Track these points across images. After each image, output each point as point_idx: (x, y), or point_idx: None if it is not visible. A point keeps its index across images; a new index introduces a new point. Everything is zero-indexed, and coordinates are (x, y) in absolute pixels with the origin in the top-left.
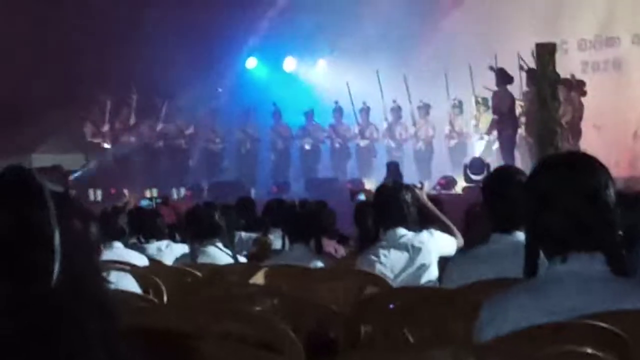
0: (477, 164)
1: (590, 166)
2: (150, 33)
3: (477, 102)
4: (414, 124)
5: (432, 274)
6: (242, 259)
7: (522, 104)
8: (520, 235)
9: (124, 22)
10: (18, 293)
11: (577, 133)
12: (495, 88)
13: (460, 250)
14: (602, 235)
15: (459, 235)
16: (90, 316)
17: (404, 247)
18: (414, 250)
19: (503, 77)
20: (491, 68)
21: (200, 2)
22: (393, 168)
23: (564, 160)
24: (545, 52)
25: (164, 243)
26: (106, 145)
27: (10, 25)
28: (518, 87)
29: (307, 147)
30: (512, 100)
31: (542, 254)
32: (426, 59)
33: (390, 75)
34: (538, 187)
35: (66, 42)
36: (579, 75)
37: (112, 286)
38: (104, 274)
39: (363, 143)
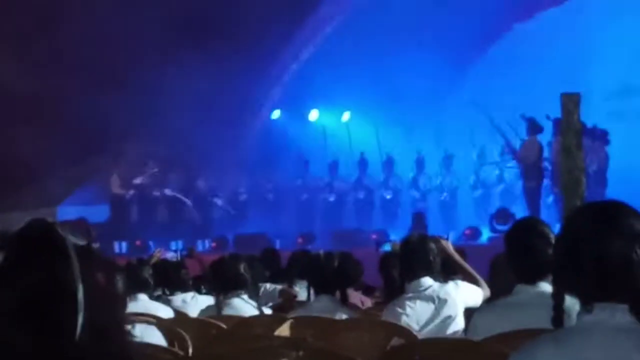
0: (502, 214)
1: (619, 216)
2: (177, 85)
3: (502, 153)
4: (439, 174)
5: (458, 325)
6: (267, 311)
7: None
8: (544, 286)
9: (152, 74)
10: (43, 347)
11: (603, 182)
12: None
13: (485, 301)
14: (628, 287)
15: (484, 285)
16: None
17: (429, 298)
18: (439, 302)
19: (533, 127)
20: (522, 117)
21: (227, 53)
22: (418, 218)
23: (594, 211)
24: (570, 102)
25: (189, 295)
26: (131, 197)
27: (33, 76)
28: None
29: (332, 198)
30: (540, 150)
31: (568, 304)
32: (451, 110)
33: (414, 127)
34: (567, 238)
35: (91, 94)
36: (603, 124)
37: (137, 339)
38: (129, 327)
39: (387, 194)
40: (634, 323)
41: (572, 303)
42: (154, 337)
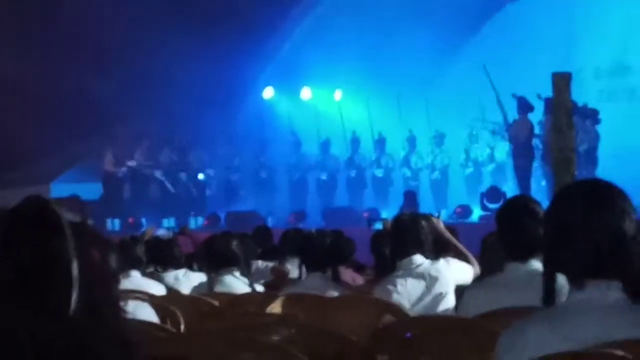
0: (493, 193)
1: (610, 195)
2: (168, 64)
3: (492, 131)
4: (430, 153)
5: (449, 302)
6: (259, 288)
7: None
8: (535, 264)
9: (142, 54)
10: (38, 323)
11: (593, 161)
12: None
13: (476, 279)
14: (620, 264)
15: (475, 263)
16: (109, 346)
17: (420, 276)
18: (430, 279)
19: (524, 106)
20: (513, 95)
21: (219, 33)
22: (410, 197)
23: (584, 189)
24: (561, 81)
25: (181, 272)
26: (124, 175)
27: (30, 57)
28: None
29: (324, 177)
30: (531, 129)
31: (558, 282)
32: (443, 89)
33: (406, 106)
34: (557, 216)
35: (86, 73)
36: (594, 104)
37: (130, 315)
38: (122, 303)
39: (379, 172)
40: (626, 300)
41: (562, 281)
42: (147, 314)
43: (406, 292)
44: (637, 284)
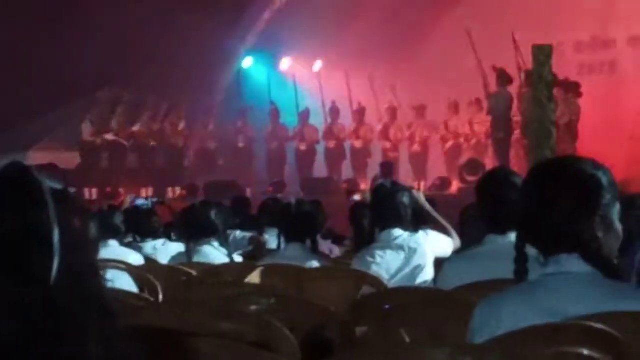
0: (472, 165)
1: (586, 170)
2: (147, 32)
3: (471, 103)
4: (409, 125)
5: (428, 274)
6: (238, 258)
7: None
8: (514, 237)
9: (121, 21)
10: (18, 292)
11: (573, 135)
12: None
13: (455, 251)
14: (576, 237)
15: (455, 236)
16: (90, 315)
17: (399, 247)
18: (409, 251)
19: (503, 78)
20: (493, 67)
21: (199, 3)
22: (387, 168)
23: (560, 164)
24: (542, 54)
25: (159, 242)
26: (102, 144)
27: (8, 22)
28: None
29: (303, 147)
30: (510, 101)
31: (531, 256)
32: (422, 59)
33: (386, 76)
34: (532, 191)
35: (63, 40)
36: (574, 77)
37: (109, 284)
38: (102, 272)
39: (358, 143)
40: (597, 274)
41: (536, 254)
42: (125, 283)
43: (385, 263)
44: (609, 258)
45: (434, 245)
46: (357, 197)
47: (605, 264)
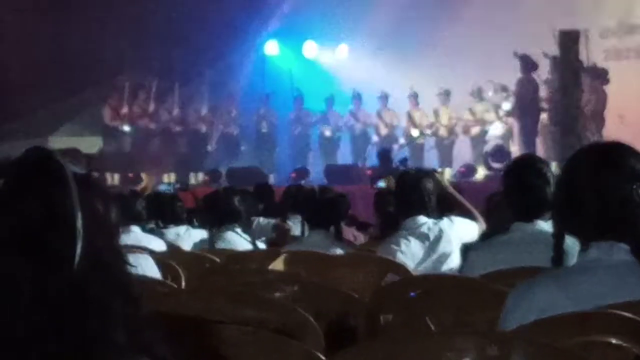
0: (498, 152)
1: (621, 157)
2: (169, 16)
3: (496, 90)
4: (435, 110)
5: (453, 262)
6: (261, 245)
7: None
8: (541, 224)
9: (142, 5)
10: (42, 277)
11: (600, 121)
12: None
13: (481, 239)
14: (629, 226)
15: (480, 219)
16: (114, 299)
17: (424, 235)
18: (434, 239)
19: (527, 64)
20: (516, 54)
21: None
22: (384, 156)
23: (595, 151)
24: (569, 40)
25: (182, 228)
26: (124, 129)
27: (29, 10)
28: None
29: (327, 133)
30: (535, 87)
31: (568, 243)
32: (446, 45)
33: (411, 63)
34: (567, 178)
35: (84, 26)
36: (601, 64)
37: (133, 269)
38: (125, 257)
39: (383, 130)
40: (634, 262)
41: (572, 242)
42: (149, 269)
43: (410, 251)
44: None
45: (460, 231)
46: (381, 184)
47: None
